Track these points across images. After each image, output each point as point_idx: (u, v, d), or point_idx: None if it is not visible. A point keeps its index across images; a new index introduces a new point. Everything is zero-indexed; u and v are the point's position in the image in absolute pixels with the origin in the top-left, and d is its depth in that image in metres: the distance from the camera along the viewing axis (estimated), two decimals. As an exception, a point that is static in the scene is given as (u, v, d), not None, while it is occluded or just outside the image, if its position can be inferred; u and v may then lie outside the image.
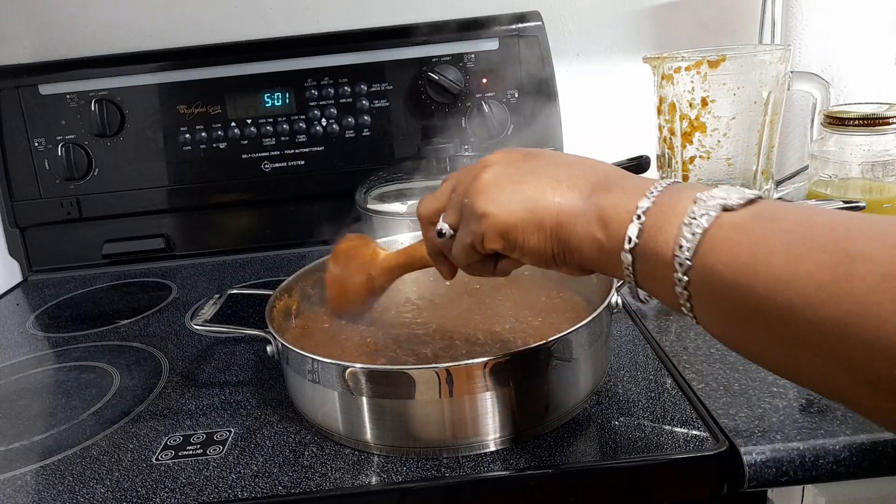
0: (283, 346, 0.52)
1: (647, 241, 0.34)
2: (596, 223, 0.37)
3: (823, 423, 0.48)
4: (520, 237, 0.40)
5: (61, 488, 0.49)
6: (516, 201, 0.40)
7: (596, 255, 0.37)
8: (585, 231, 0.37)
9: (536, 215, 0.39)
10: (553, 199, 0.39)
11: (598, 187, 0.38)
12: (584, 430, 0.50)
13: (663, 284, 0.34)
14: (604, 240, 0.36)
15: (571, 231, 0.38)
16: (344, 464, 0.49)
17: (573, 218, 0.38)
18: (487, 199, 0.40)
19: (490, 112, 0.93)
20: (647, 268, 0.35)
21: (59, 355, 0.73)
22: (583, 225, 0.38)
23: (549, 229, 0.39)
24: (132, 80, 0.93)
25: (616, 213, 0.36)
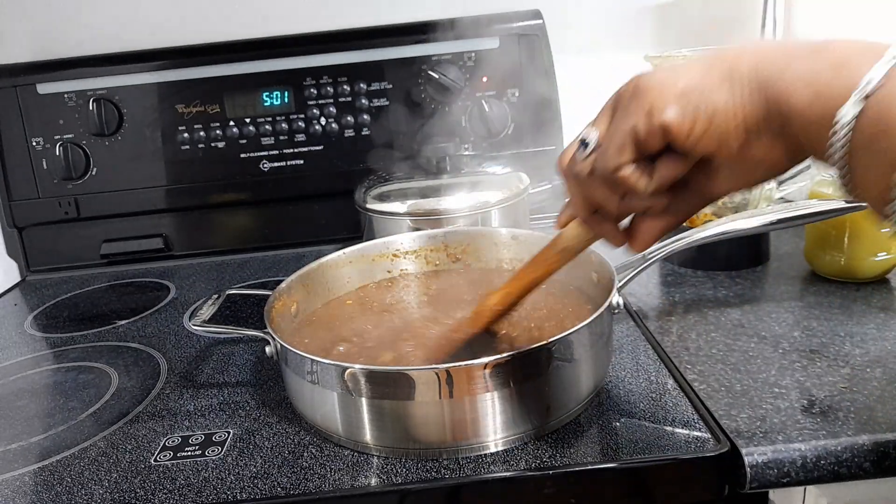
0: (282, 346, 0.52)
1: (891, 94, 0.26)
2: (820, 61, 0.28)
3: (825, 424, 0.48)
4: (701, 96, 0.31)
5: (59, 489, 0.49)
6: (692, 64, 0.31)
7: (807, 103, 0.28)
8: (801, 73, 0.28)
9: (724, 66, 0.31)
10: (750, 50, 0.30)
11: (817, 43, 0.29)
12: (584, 431, 0.50)
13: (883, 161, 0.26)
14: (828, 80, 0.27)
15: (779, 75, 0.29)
16: (343, 465, 0.49)
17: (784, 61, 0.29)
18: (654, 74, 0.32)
19: (490, 111, 0.93)
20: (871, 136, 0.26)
21: (57, 356, 0.73)
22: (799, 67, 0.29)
23: (743, 78, 0.30)
24: (130, 80, 0.93)
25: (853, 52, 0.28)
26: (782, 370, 0.55)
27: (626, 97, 0.34)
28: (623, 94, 0.34)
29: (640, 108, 0.32)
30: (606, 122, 0.35)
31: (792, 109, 0.29)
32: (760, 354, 0.58)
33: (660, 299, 0.71)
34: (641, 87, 0.32)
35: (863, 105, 0.26)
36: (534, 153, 0.96)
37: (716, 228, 0.60)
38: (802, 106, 0.28)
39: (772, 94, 0.29)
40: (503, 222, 0.80)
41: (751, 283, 0.72)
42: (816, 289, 0.69)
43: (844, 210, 0.61)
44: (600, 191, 0.36)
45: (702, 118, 0.31)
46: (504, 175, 0.85)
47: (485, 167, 0.87)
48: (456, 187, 0.81)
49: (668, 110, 0.31)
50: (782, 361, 0.56)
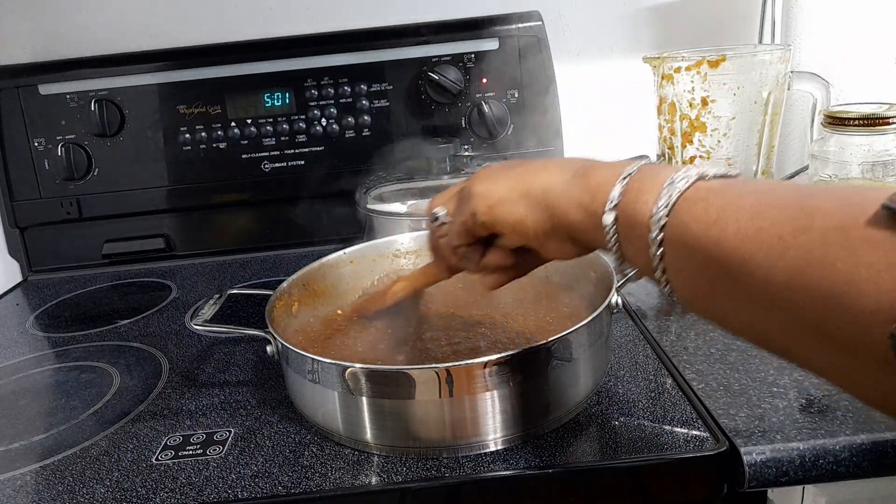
0: (283, 346, 0.52)
1: (628, 202, 0.37)
2: (582, 189, 0.40)
3: (823, 423, 0.48)
4: (507, 208, 0.43)
5: (61, 488, 0.49)
6: (505, 179, 0.44)
7: (580, 219, 0.39)
8: (571, 197, 0.40)
9: (523, 186, 0.42)
10: (540, 176, 0.42)
11: (584, 167, 0.41)
12: (584, 430, 0.50)
13: (639, 246, 0.36)
14: (588, 203, 0.39)
15: (558, 198, 0.41)
16: (344, 464, 0.49)
17: (560, 188, 0.41)
18: (480, 182, 0.45)
19: (490, 112, 0.93)
20: (626, 229, 0.37)
21: (58, 355, 0.73)
22: (569, 193, 0.40)
23: (535, 199, 0.42)
24: (132, 80, 0.93)
25: (602, 180, 0.39)
26: (781, 369, 0.55)
27: (464, 195, 0.45)
28: (463, 190, 0.46)
29: (469, 209, 0.44)
30: (453, 205, 0.47)
31: (572, 224, 0.40)
32: (759, 354, 0.58)
33: (658, 299, 0.71)
34: (473, 191, 0.44)
35: (615, 213, 0.37)
36: (534, 154, 0.96)
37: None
38: (578, 221, 0.40)
39: (555, 212, 0.41)
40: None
41: (750, 284, 0.72)
42: (815, 289, 0.69)
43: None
44: (449, 252, 0.48)
45: (508, 223, 0.43)
46: (504, 175, 0.85)
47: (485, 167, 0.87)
48: (456, 188, 0.81)
49: (484, 215, 0.43)
50: (781, 361, 0.56)
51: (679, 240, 0.34)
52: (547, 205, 0.41)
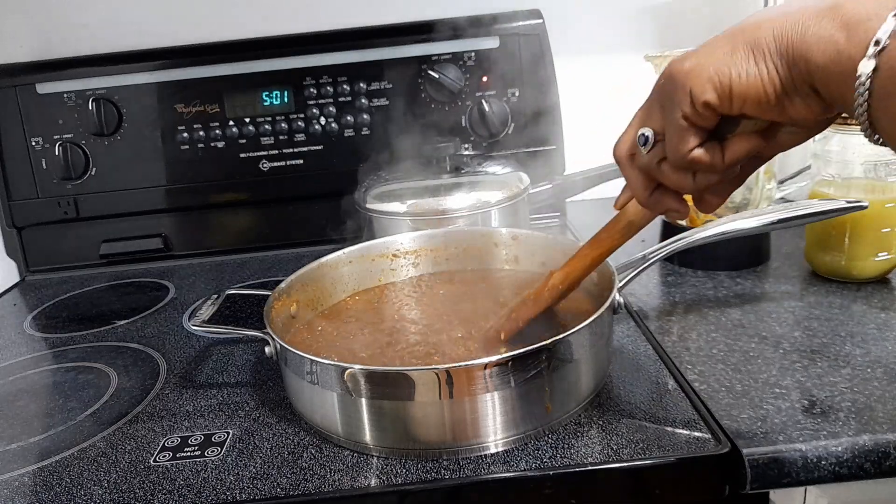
0: (282, 346, 0.52)
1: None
2: (833, 23, 0.31)
3: (826, 424, 0.47)
4: (734, 71, 0.34)
5: (59, 490, 0.49)
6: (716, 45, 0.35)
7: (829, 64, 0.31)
8: (818, 34, 0.32)
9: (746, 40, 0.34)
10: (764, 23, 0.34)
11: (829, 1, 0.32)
12: (585, 432, 0.50)
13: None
14: (842, 41, 0.31)
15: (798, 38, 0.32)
16: (343, 465, 0.49)
17: (799, 24, 0.32)
18: (683, 61, 0.36)
19: (490, 111, 0.93)
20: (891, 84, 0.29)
21: (56, 356, 0.73)
22: (814, 28, 0.32)
23: (765, 48, 0.33)
24: (130, 79, 0.93)
25: (863, 11, 0.31)
26: (783, 370, 0.55)
27: (667, 89, 0.37)
28: (663, 87, 0.38)
29: (683, 96, 0.36)
30: (657, 115, 0.39)
31: (814, 69, 0.32)
32: (761, 355, 0.58)
33: (660, 299, 0.71)
34: (677, 75, 0.36)
35: (876, 62, 0.29)
36: (534, 153, 0.96)
37: (716, 228, 0.60)
38: (823, 64, 0.31)
39: (794, 57, 0.32)
40: (503, 222, 0.80)
41: (751, 283, 0.72)
42: (817, 289, 0.69)
43: (845, 210, 0.61)
44: (674, 176, 0.39)
45: (737, 90, 0.34)
46: (504, 175, 0.85)
47: (485, 167, 0.87)
48: (456, 187, 0.81)
49: (707, 91, 0.34)
50: (783, 361, 0.56)
51: None
52: (784, 51, 0.33)
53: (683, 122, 0.36)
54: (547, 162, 0.96)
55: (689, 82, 0.35)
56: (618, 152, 0.43)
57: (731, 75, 0.34)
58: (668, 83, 0.37)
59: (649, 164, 0.40)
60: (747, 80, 0.34)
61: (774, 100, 0.34)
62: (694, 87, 0.35)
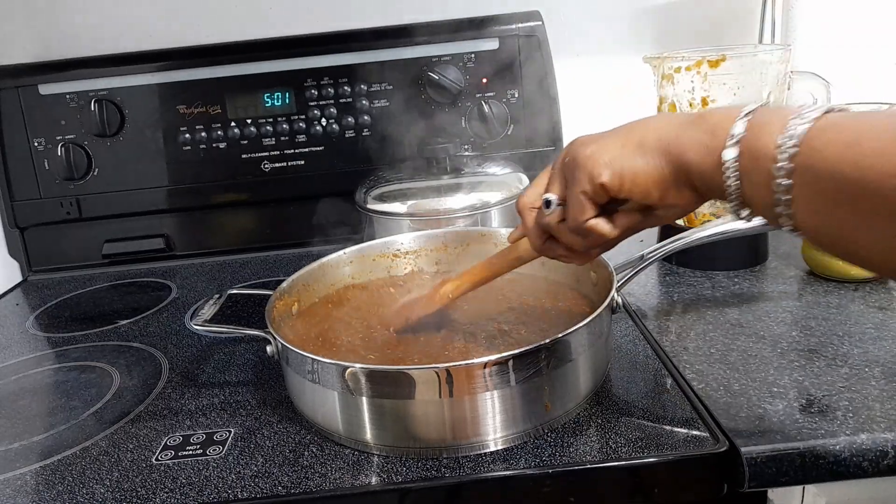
0: (283, 346, 0.52)
1: (751, 136, 0.36)
2: (700, 130, 0.39)
3: (824, 423, 0.48)
4: (625, 163, 0.41)
5: (61, 488, 0.49)
6: (612, 138, 0.43)
7: (699, 160, 0.38)
8: (690, 138, 0.39)
9: (636, 139, 0.41)
10: (651, 127, 0.42)
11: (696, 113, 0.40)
12: (584, 430, 0.50)
13: (761, 182, 0.36)
14: (708, 141, 0.38)
15: (675, 142, 0.40)
16: (344, 464, 0.49)
17: (675, 132, 0.40)
18: (584, 147, 0.43)
19: (490, 112, 0.93)
20: (748, 163, 0.36)
21: (58, 355, 0.73)
22: (686, 134, 0.39)
23: (650, 147, 0.41)
24: (132, 80, 0.93)
25: (721, 118, 0.38)
26: (781, 369, 0.55)
27: (570, 167, 0.44)
28: (567, 164, 0.45)
29: (583, 175, 0.43)
30: (560, 185, 0.46)
31: (689, 164, 0.39)
32: (759, 354, 0.58)
33: (658, 299, 0.71)
34: (579, 158, 0.43)
35: (738, 149, 0.37)
36: (534, 153, 0.96)
37: (714, 228, 0.61)
38: (696, 161, 0.39)
39: (672, 156, 0.40)
40: (503, 222, 0.80)
41: (749, 283, 0.72)
42: (814, 288, 0.69)
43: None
44: (569, 237, 0.46)
45: (627, 177, 0.42)
46: (504, 175, 0.85)
47: (485, 167, 0.88)
48: (456, 187, 0.81)
49: (603, 175, 0.42)
50: (781, 361, 0.57)
51: (809, 167, 0.33)
52: (664, 151, 0.40)
53: (582, 196, 0.44)
54: (547, 162, 0.96)
55: (588, 165, 0.42)
56: (521, 204, 0.49)
57: (624, 165, 0.41)
58: (571, 162, 0.44)
59: (549, 222, 0.47)
60: (634, 170, 0.41)
61: (656, 188, 0.41)
62: (593, 170, 0.42)
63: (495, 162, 0.89)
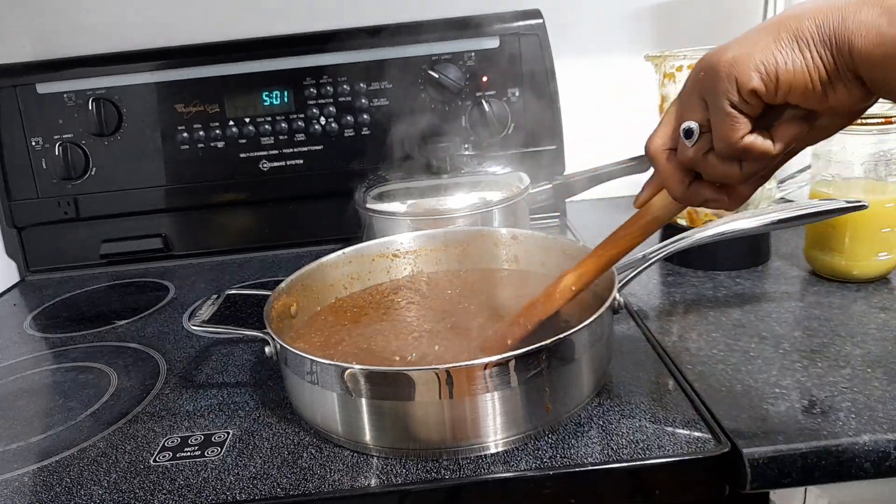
0: (282, 346, 0.52)
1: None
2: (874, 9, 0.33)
3: (826, 424, 0.47)
4: (779, 58, 0.35)
5: (59, 490, 0.49)
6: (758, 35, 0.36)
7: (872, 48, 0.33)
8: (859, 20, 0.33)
9: (789, 30, 0.35)
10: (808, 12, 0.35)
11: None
12: (585, 432, 0.50)
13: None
14: (885, 25, 0.33)
15: (840, 26, 0.34)
16: (343, 465, 0.49)
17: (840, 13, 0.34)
18: (728, 50, 0.37)
19: (490, 111, 0.93)
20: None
21: (56, 356, 0.73)
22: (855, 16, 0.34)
23: (808, 37, 0.35)
24: (130, 79, 0.93)
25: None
26: (783, 370, 0.55)
27: (709, 79, 0.37)
28: (704, 79, 0.38)
29: (729, 85, 0.36)
30: (697, 107, 0.39)
31: (857, 55, 0.33)
32: (761, 355, 0.58)
33: (660, 299, 0.71)
34: (720, 65, 0.36)
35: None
36: (534, 153, 0.96)
37: (716, 228, 0.60)
38: (867, 49, 0.33)
39: (838, 45, 0.34)
40: (503, 222, 0.80)
41: (751, 283, 0.72)
42: (817, 289, 0.69)
43: (845, 210, 0.61)
44: (721, 166, 0.39)
45: (784, 78, 0.35)
46: (504, 175, 0.85)
47: (485, 167, 0.87)
48: (456, 187, 0.81)
49: (753, 79, 0.35)
50: (783, 361, 0.56)
51: None
52: (826, 40, 0.34)
53: (732, 110, 0.37)
54: (547, 162, 0.96)
55: (734, 71, 0.36)
56: (653, 148, 0.42)
57: (777, 64, 0.35)
58: (709, 74, 0.37)
59: (694, 156, 0.40)
60: (793, 67, 0.35)
61: (819, 87, 0.35)
62: (740, 75, 0.36)
63: (495, 162, 0.89)
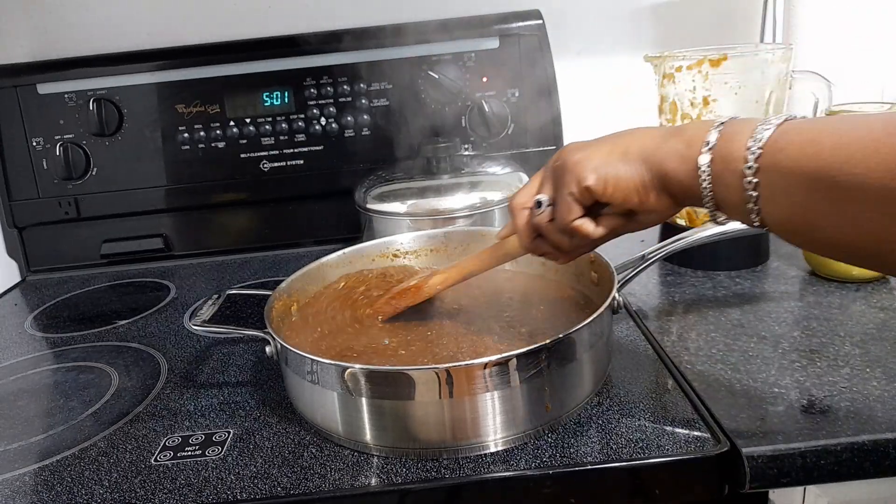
0: (283, 346, 0.52)
1: (723, 144, 0.41)
2: (678, 141, 0.43)
3: (825, 423, 0.48)
4: (610, 169, 0.45)
5: (60, 489, 0.49)
6: (599, 146, 0.47)
7: (676, 167, 0.43)
8: (669, 149, 0.44)
9: (620, 149, 0.46)
10: (634, 139, 0.46)
11: (674, 128, 0.45)
12: (584, 431, 0.50)
13: (732, 183, 0.40)
14: (684, 150, 0.43)
15: (656, 152, 0.44)
16: (343, 465, 0.49)
17: (655, 143, 0.45)
18: (573, 153, 0.47)
19: (490, 111, 0.93)
20: (720, 167, 0.41)
21: (57, 356, 0.73)
22: (666, 146, 0.44)
23: (633, 156, 0.45)
24: (130, 80, 0.93)
25: (696, 131, 0.43)
26: (782, 370, 0.55)
27: (560, 171, 0.48)
28: (557, 168, 0.48)
29: (571, 178, 0.46)
30: (550, 187, 0.49)
31: (668, 172, 0.43)
32: (760, 354, 0.58)
33: (660, 299, 0.71)
34: (569, 163, 0.47)
35: (711, 154, 0.41)
36: (534, 153, 0.96)
37: (716, 228, 0.60)
38: (674, 168, 0.43)
39: (653, 164, 0.44)
40: (503, 222, 0.80)
41: (751, 283, 0.72)
42: (816, 289, 0.69)
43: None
44: (556, 235, 0.49)
45: (611, 182, 0.45)
46: (504, 175, 0.85)
47: (485, 167, 0.87)
48: (456, 187, 0.81)
49: (589, 178, 0.46)
50: (782, 361, 0.56)
51: (774, 164, 0.38)
52: (645, 160, 0.44)
53: (570, 197, 0.47)
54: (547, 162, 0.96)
55: (577, 170, 0.46)
56: (514, 204, 0.52)
57: (608, 171, 0.45)
58: (561, 166, 0.48)
59: (539, 222, 0.50)
60: (617, 175, 0.45)
61: (636, 193, 0.45)
62: (580, 174, 0.46)
63: (495, 162, 0.89)
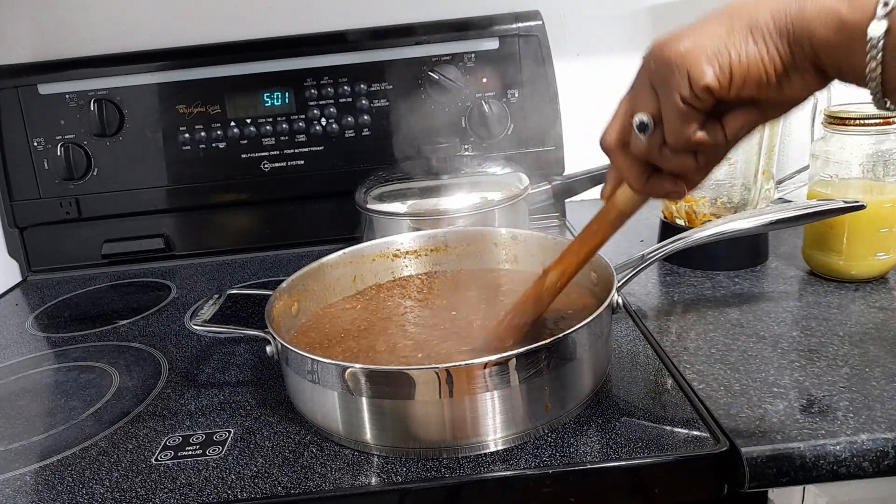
0: (283, 346, 0.52)
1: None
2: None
3: (824, 423, 0.48)
4: (733, 51, 0.33)
5: (60, 489, 0.49)
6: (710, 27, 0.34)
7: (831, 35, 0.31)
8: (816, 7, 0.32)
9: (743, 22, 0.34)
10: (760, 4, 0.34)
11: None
12: (584, 431, 0.50)
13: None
14: (845, 11, 0.31)
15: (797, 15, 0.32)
16: (343, 464, 0.49)
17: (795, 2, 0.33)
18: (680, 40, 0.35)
19: (490, 111, 0.93)
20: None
21: (58, 355, 0.73)
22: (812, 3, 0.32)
23: (764, 29, 0.33)
24: (131, 80, 0.93)
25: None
26: (781, 370, 0.55)
27: (661, 72, 0.35)
28: (655, 71, 0.36)
29: (680, 79, 0.34)
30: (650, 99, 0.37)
31: (818, 43, 0.32)
32: (759, 354, 0.58)
33: (659, 299, 0.71)
34: (672, 57, 0.34)
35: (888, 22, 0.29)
36: (534, 153, 0.96)
37: (715, 228, 0.61)
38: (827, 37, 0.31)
39: (796, 35, 0.32)
40: (503, 222, 0.80)
41: (750, 283, 0.72)
42: (815, 289, 0.69)
43: (843, 210, 0.61)
44: (676, 159, 0.38)
45: (737, 72, 0.33)
46: (504, 175, 0.85)
47: (485, 167, 0.88)
48: (456, 187, 0.81)
49: (707, 74, 0.33)
50: (781, 361, 0.56)
51: None
52: (783, 30, 0.33)
53: (683, 105, 0.35)
54: (547, 162, 0.96)
55: (685, 65, 0.34)
56: (607, 142, 0.41)
57: (731, 58, 0.33)
58: (660, 66, 0.36)
59: (649, 150, 0.38)
60: (748, 61, 0.33)
61: (774, 80, 0.34)
62: (692, 70, 0.34)
63: (495, 162, 0.89)
